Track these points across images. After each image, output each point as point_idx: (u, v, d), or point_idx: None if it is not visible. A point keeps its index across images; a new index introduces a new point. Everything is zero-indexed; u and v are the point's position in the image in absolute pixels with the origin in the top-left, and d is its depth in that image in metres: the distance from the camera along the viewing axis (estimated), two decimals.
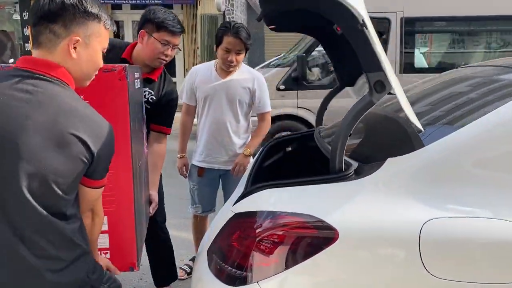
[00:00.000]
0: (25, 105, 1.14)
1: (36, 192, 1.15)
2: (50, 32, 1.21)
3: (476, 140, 1.34)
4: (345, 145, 1.41)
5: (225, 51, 2.58)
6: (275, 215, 1.34)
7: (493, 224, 1.25)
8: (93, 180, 1.28)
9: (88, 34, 1.25)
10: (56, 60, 1.22)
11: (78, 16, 1.23)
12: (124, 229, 1.64)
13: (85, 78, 1.32)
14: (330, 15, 1.43)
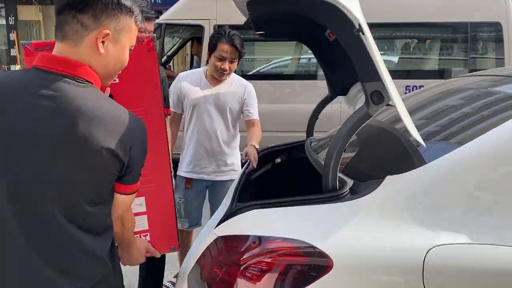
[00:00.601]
0: (45, 114, 1.04)
1: (63, 211, 1.07)
2: (78, 23, 1.08)
3: (483, 157, 1.22)
4: (339, 161, 1.28)
5: (219, 59, 2.49)
6: (262, 240, 1.20)
7: (502, 251, 1.13)
8: (125, 185, 1.18)
9: (119, 29, 1.13)
10: (81, 54, 1.10)
11: (110, 8, 1.10)
12: (164, 209, 1.54)
13: (109, 77, 1.20)
14: (323, 19, 1.31)
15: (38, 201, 1.06)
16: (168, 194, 1.54)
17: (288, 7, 1.39)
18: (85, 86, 1.09)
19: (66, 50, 1.10)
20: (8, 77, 1.11)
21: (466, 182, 1.20)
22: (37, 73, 1.08)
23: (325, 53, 2.09)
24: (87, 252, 1.12)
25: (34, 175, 1.05)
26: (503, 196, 1.20)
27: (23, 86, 1.06)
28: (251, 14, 1.48)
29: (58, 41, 1.12)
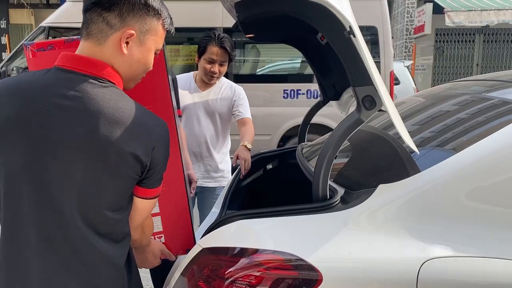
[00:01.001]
0: (65, 115, 1.01)
1: (82, 215, 1.04)
2: (103, 21, 1.06)
3: (479, 166, 1.17)
4: (329, 169, 1.23)
5: (209, 61, 2.43)
6: (250, 252, 1.14)
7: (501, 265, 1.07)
8: (146, 189, 1.13)
9: (144, 30, 1.11)
10: (104, 54, 1.08)
11: (137, 8, 1.08)
12: (178, 209, 1.49)
13: (132, 80, 1.16)
14: (313, 21, 1.26)
15: (57, 204, 1.03)
16: (181, 195, 1.48)
17: (278, 8, 1.34)
18: (107, 87, 1.06)
19: (89, 49, 1.08)
20: (29, 78, 1.08)
21: (462, 191, 1.15)
22: (58, 72, 1.06)
23: (317, 57, 2.04)
24: (105, 259, 1.08)
25: (53, 177, 1.02)
26: (500, 206, 1.14)
27: (43, 86, 1.03)
28: (239, 16, 1.43)
29: (83, 40, 1.10)
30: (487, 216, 1.15)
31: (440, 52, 12.23)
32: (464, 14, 9.69)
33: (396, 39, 12.17)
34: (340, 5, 1.14)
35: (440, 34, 12.03)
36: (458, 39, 12.10)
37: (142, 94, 1.33)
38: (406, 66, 7.80)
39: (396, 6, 12.33)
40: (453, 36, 12.05)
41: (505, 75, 2.00)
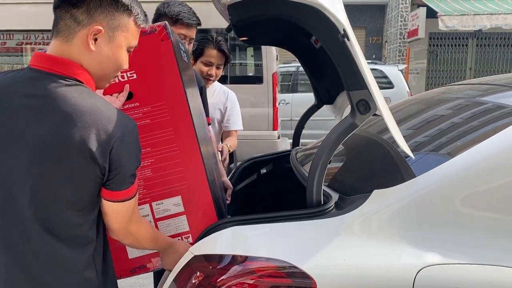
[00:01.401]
0: (27, 114, 1.00)
1: (40, 216, 1.02)
2: (71, 18, 1.05)
3: (475, 171, 1.15)
4: (324, 174, 1.21)
5: (206, 64, 2.42)
6: (242, 260, 1.12)
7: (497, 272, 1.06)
8: (111, 191, 1.07)
9: (114, 26, 1.08)
10: (71, 52, 1.06)
11: (104, 3, 1.06)
12: (203, 206, 1.40)
13: (104, 78, 1.13)
14: (306, 24, 1.24)
15: (18, 206, 1.01)
16: (204, 191, 1.40)
17: (271, 11, 1.32)
18: (72, 85, 1.04)
19: (57, 48, 1.06)
20: (3, 78, 1.08)
21: (458, 197, 1.14)
22: (27, 72, 1.05)
23: (311, 61, 2.03)
24: (67, 266, 1.05)
25: (15, 178, 1.01)
26: (497, 213, 1.13)
27: (12, 85, 1.03)
28: (232, 18, 1.41)
29: (53, 38, 1.08)
30: (483, 222, 1.13)
31: (434, 56, 12.30)
32: (457, 19, 9.75)
33: (390, 43, 12.22)
34: (334, 8, 1.12)
35: (434, 38, 12.10)
36: (452, 43, 12.17)
37: (154, 90, 1.31)
38: (400, 70, 7.81)
39: (389, 10, 12.39)
40: (447, 40, 12.12)
41: (499, 79, 1.99)
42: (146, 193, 1.34)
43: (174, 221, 1.36)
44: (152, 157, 1.35)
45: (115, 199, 1.08)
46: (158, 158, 1.35)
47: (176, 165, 1.31)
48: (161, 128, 1.34)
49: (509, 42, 12.09)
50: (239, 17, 1.40)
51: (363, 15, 12.82)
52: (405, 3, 11.21)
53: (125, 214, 1.12)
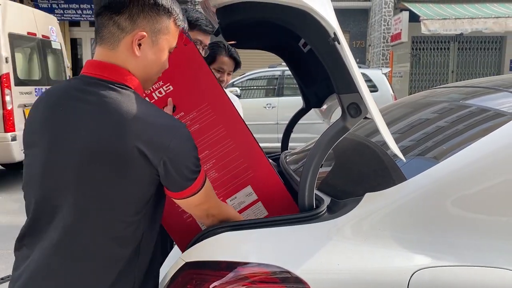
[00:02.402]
0: (81, 118, 1.03)
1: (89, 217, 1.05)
2: (114, 25, 1.07)
3: (465, 173, 1.16)
4: (315, 177, 1.20)
5: (218, 71, 2.47)
6: (234, 266, 1.10)
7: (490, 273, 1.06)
8: (175, 192, 1.10)
9: (156, 30, 1.11)
10: (118, 58, 1.09)
11: (147, 9, 1.08)
12: (272, 188, 1.42)
13: (149, 80, 1.17)
14: (297, 28, 1.24)
15: (66, 204, 1.04)
16: (269, 173, 1.42)
17: (260, 15, 1.32)
18: (122, 91, 1.06)
19: (104, 54, 1.09)
20: (59, 86, 1.13)
21: (449, 199, 1.14)
22: (80, 78, 1.10)
23: (299, 64, 2.02)
24: (107, 259, 1.08)
25: (63, 179, 1.04)
26: (487, 214, 1.14)
27: (66, 91, 1.08)
28: (221, 22, 1.40)
29: (98, 45, 1.11)
30: (474, 224, 1.14)
31: (417, 59, 12.47)
32: (439, 22, 9.90)
33: (373, 46, 12.35)
34: (325, 11, 1.12)
35: (416, 42, 12.28)
36: (434, 47, 12.37)
37: (193, 93, 1.34)
38: (384, 74, 7.89)
39: (373, 15, 12.53)
40: (429, 43, 12.31)
41: (480, 82, 2.02)
42: (217, 193, 1.36)
43: (252, 210, 1.41)
44: (212, 158, 1.39)
45: (180, 197, 1.11)
46: (218, 157, 1.39)
47: (237, 158, 1.36)
48: (211, 128, 1.38)
49: (489, 45, 12.34)
50: (227, 20, 1.39)
51: (346, 19, 12.93)
52: (388, 8, 11.35)
53: (198, 205, 1.15)
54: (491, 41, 12.26)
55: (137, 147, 1.01)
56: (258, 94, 8.14)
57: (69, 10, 10.55)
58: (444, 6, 10.77)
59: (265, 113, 7.56)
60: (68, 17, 10.69)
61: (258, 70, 8.16)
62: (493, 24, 9.69)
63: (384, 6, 11.33)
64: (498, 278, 1.06)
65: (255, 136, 1.46)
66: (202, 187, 1.12)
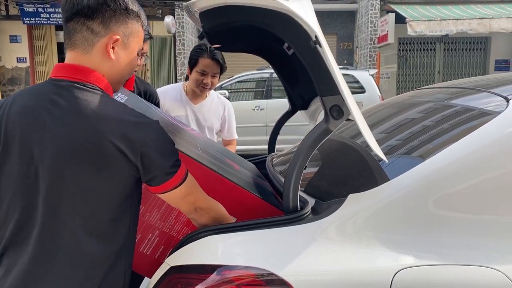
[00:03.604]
0: (55, 120, 1.04)
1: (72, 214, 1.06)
2: (88, 30, 1.09)
3: (447, 173, 1.18)
4: (299, 180, 1.21)
5: (201, 73, 2.45)
6: (219, 269, 1.11)
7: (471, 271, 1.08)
8: (155, 186, 1.11)
9: (128, 34, 1.15)
10: (92, 61, 1.11)
11: (118, 13, 1.12)
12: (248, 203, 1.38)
13: (120, 82, 1.20)
14: (279, 31, 1.25)
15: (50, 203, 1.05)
16: (240, 193, 1.38)
17: (243, 18, 1.32)
18: (94, 92, 1.08)
19: (76, 58, 1.11)
20: (29, 90, 1.14)
21: (431, 198, 1.16)
22: (51, 82, 1.10)
23: (284, 67, 2.03)
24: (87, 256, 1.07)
25: (44, 179, 1.04)
26: (469, 213, 1.16)
27: (38, 95, 1.08)
28: (204, 26, 1.40)
29: (69, 50, 1.12)
30: (457, 222, 1.16)
31: (404, 60, 12.58)
32: (425, 24, 10.01)
33: (360, 48, 12.44)
34: (306, 15, 1.13)
35: (403, 43, 12.39)
36: (420, 48, 12.49)
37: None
38: (371, 75, 7.95)
39: (360, 17, 12.62)
40: (415, 45, 12.43)
41: (465, 82, 2.05)
42: None
43: None
44: (179, 221, 1.39)
45: (163, 191, 1.12)
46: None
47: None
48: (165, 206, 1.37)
49: (475, 46, 12.50)
50: (211, 24, 1.39)
51: (334, 21, 13.01)
52: (375, 9, 11.44)
53: (183, 198, 1.15)
54: (476, 42, 12.43)
55: (113, 143, 1.03)
56: (247, 96, 8.14)
57: (55, 14, 10.45)
58: (429, 8, 10.90)
59: (254, 115, 7.57)
60: (54, 21, 10.59)
61: (247, 73, 8.17)
62: (477, 25, 9.82)
63: (371, 8, 11.42)
64: (481, 277, 1.08)
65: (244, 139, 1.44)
66: (185, 179, 1.14)
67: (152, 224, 1.38)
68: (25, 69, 11.07)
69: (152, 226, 1.38)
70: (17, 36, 10.98)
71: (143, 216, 1.36)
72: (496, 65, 12.50)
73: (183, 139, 1.44)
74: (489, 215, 1.16)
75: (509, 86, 1.68)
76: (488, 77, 2.09)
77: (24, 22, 10.49)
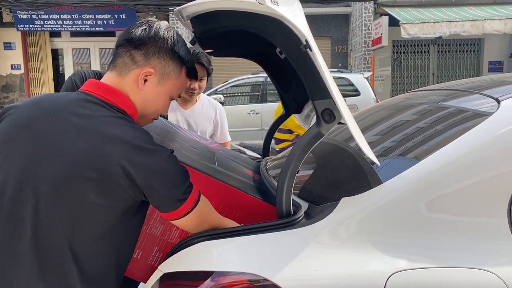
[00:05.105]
0: (72, 130, 1.06)
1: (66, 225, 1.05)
2: (129, 57, 1.16)
3: (440, 175, 1.18)
4: (292, 184, 1.21)
5: None
6: (213, 275, 1.10)
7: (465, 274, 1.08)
8: (165, 213, 1.13)
9: (166, 73, 1.19)
10: (123, 86, 1.16)
11: (163, 51, 1.18)
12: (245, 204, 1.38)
13: (143, 117, 1.22)
14: (269, 36, 1.25)
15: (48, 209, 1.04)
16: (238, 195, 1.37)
17: (234, 23, 1.32)
18: (117, 113, 1.11)
19: (111, 80, 1.16)
20: (54, 95, 1.19)
21: (424, 201, 1.16)
22: (80, 94, 1.14)
23: (277, 71, 2.03)
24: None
25: (49, 185, 1.04)
26: (462, 216, 1.16)
27: (64, 102, 1.11)
28: (195, 31, 1.40)
29: (109, 71, 1.19)
30: (450, 225, 1.16)
31: (398, 63, 12.63)
32: (418, 26, 10.05)
33: (355, 51, 12.48)
34: (296, 19, 1.13)
35: (397, 46, 12.44)
36: (414, 50, 12.54)
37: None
38: (365, 78, 7.98)
39: (353, 20, 12.67)
40: (409, 47, 12.48)
41: (459, 84, 2.06)
42: None
43: None
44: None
45: (172, 218, 1.14)
46: None
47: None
48: None
49: (468, 48, 12.57)
50: (202, 29, 1.39)
51: (328, 25, 13.05)
52: (368, 13, 11.49)
53: (194, 224, 1.17)
54: (469, 44, 12.49)
55: (122, 165, 1.03)
56: (242, 100, 8.15)
57: (49, 20, 10.44)
58: (422, 10, 10.95)
59: (249, 119, 7.58)
60: (48, 28, 10.58)
61: (242, 77, 8.18)
62: (470, 27, 9.87)
63: (364, 11, 11.47)
64: (474, 279, 1.08)
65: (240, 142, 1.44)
66: (195, 207, 1.14)
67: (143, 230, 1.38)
68: (20, 76, 11.04)
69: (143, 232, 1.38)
70: (11, 43, 10.95)
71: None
72: (490, 66, 12.57)
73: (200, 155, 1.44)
74: (482, 217, 1.16)
75: (500, 87, 1.68)
76: (481, 78, 2.10)
77: (18, 29, 10.47)
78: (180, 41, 1.23)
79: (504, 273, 1.07)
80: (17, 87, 11.08)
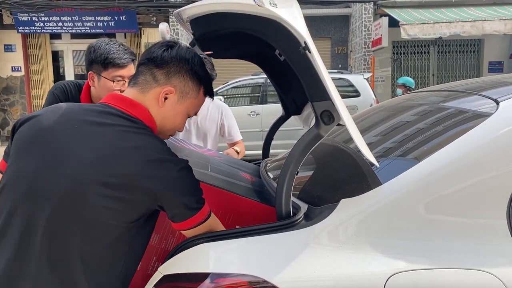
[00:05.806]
0: (91, 137, 1.09)
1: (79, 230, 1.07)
2: (151, 75, 1.21)
3: (440, 176, 1.18)
4: (292, 185, 1.21)
5: None
6: (213, 277, 1.10)
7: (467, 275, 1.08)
8: (177, 223, 1.16)
9: (185, 92, 1.23)
10: (144, 101, 1.20)
11: (183, 71, 1.22)
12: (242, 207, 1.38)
13: (160, 133, 1.25)
14: (268, 37, 1.25)
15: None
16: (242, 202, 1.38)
17: (233, 25, 1.33)
18: (138, 126, 1.14)
19: (133, 95, 1.20)
20: (80, 104, 1.22)
21: (423, 202, 1.16)
22: (102, 105, 1.18)
23: (276, 73, 2.04)
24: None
25: (63, 190, 1.06)
26: (461, 216, 1.16)
27: (87, 111, 1.14)
28: (195, 33, 1.41)
29: (129, 87, 1.23)
30: (449, 226, 1.16)
31: (398, 63, 12.64)
32: (418, 27, 10.06)
33: (355, 52, 12.49)
34: (295, 21, 1.14)
35: (397, 47, 12.45)
36: (414, 51, 12.55)
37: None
38: (365, 79, 7.98)
39: (353, 21, 12.68)
40: (409, 48, 12.49)
41: (459, 85, 2.06)
42: None
43: None
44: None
45: (187, 228, 1.16)
46: None
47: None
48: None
49: (468, 48, 12.58)
50: (201, 31, 1.40)
51: (328, 26, 13.06)
52: (368, 14, 11.50)
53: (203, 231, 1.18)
54: (469, 44, 12.50)
55: (140, 174, 1.06)
56: (242, 102, 8.15)
57: (49, 22, 10.45)
58: (422, 11, 10.96)
59: (250, 120, 7.58)
60: (49, 30, 10.59)
61: (242, 78, 8.18)
62: (470, 28, 9.88)
63: (364, 12, 11.48)
64: (473, 280, 1.08)
65: None
66: (208, 217, 1.17)
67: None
68: (20, 78, 11.05)
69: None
70: (12, 45, 10.97)
71: None
72: (490, 67, 12.57)
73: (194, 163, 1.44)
74: (482, 218, 1.16)
75: (499, 88, 1.69)
76: (481, 79, 2.10)
77: (18, 31, 10.48)
78: (199, 61, 1.27)
79: (503, 274, 1.07)
80: (17, 89, 11.09)
